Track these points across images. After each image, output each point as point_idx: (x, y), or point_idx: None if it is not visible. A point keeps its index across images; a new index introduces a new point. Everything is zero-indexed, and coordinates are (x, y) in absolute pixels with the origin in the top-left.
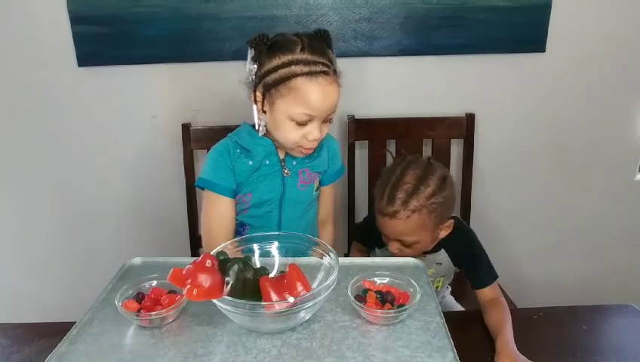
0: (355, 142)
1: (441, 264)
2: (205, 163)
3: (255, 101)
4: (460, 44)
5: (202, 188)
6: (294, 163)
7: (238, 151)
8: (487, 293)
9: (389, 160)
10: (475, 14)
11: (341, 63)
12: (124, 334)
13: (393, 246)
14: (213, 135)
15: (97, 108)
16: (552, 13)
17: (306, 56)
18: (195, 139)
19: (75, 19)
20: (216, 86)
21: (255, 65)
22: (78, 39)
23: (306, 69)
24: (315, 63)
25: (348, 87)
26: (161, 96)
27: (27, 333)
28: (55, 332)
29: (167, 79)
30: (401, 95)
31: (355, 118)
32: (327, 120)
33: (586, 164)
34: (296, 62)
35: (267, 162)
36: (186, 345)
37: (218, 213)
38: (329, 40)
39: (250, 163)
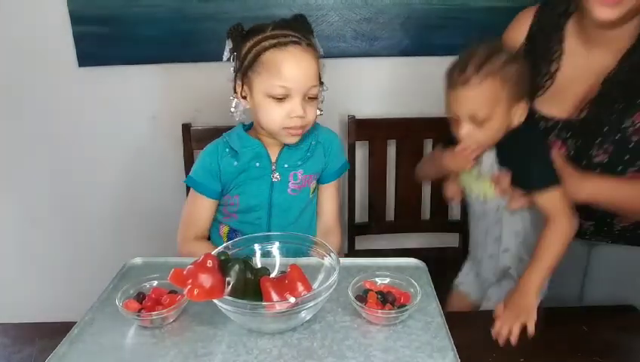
0: (356, 142)
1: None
2: (196, 161)
3: (234, 89)
4: (461, 45)
5: (189, 186)
6: (286, 165)
7: (227, 150)
8: (539, 201)
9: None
10: (475, 15)
11: (341, 63)
12: (124, 334)
13: (464, 129)
14: (213, 135)
15: (97, 109)
16: None
17: (275, 32)
18: (195, 139)
19: (75, 19)
20: (216, 86)
21: (234, 54)
22: (78, 39)
23: (274, 41)
24: (285, 35)
25: (348, 87)
26: (161, 96)
27: (28, 333)
28: (56, 332)
29: (167, 79)
30: (402, 95)
31: (356, 118)
32: (311, 97)
33: None
34: (265, 39)
35: (257, 164)
36: (186, 345)
37: (194, 211)
38: (305, 23)
39: (235, 163)
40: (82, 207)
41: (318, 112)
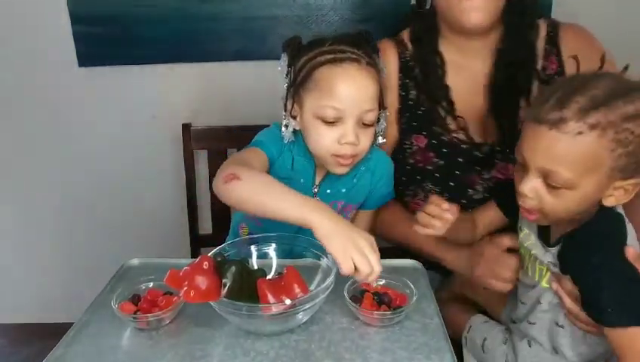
0: None
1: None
2: (259, 133)
3: (285, 108)
4: None
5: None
6: (328, 191)
7: (289, 153)
8: (609, 335)
9: None
10: None
11: None
12: (121, 336)
13: (529, 183)
14: (213, 135)
15: (97, 108)
16: (552, 14)
17: (333, 47)
18: (195, 139)
19: (75, 19)
20: (216, 86)
21: (290, 69)
22: (78, 39)
23: (330, 56)
24: (343, 51)
25: None
26: (161, 96)
27: (26, 334)
28: (54, 333)
29: (167, 79)
30: None
31: None
32: (365, 123)
33: None
34: (322, 53)
35: (302, 180)
36: (183, 346)
37: (244, 153)
38: (371, 40)
39: (287, 166)
40: (81, 207)
41: (381, 140)
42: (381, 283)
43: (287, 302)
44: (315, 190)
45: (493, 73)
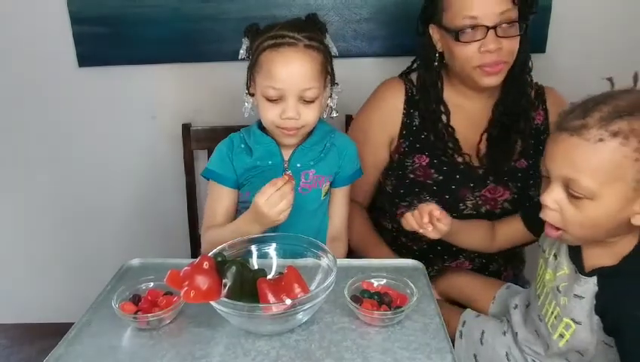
0: None
1: (581, 298)
2: (212, 154)
3: (247, 86)
4: None
5: (207, 179)
6: (298, 165)
7: (242, 146)
8: None
9: None
10: None
11: (341, 63)
12: (121, 336)
13: (551, 194)
14: (213, 135)
15: (97, 108)
16: (552, 14)
17: (277, 32)
18: (195, 139)
19: (75, 20)
20: (216, 86)
21: (248, 53)
22: (78, 39)
23: (271, 42)
24: (282, 37)
25: (348, 87)
26: (161, 96)
27: (27, 334)
28: (55, 332)
29: (167, 79)
30: None
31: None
32: (307, 100)
33: None
34: (266, 39)
35: (270, 162)
36: (184, 346)
37: (214, 201)
38: (317, 22)
39: (248, 160)
40: (81, 207)
41: (334, 114)
42: (381, 283)
43: (288, 301)
44: (285, 165)
45: (492, 119)
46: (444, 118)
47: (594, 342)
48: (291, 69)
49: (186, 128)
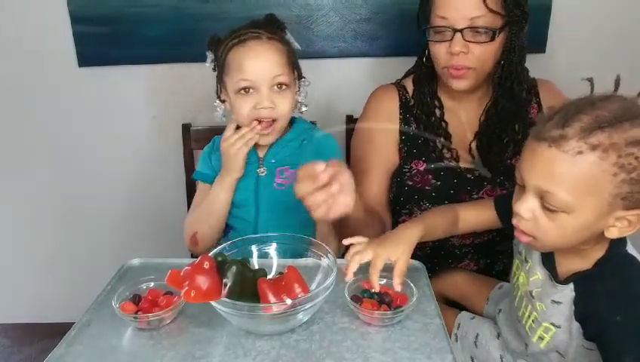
0: None
1: (559, 303)
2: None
3: (217, 94)
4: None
5: (196, 180)
6: (273, 161)
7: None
8: None
9: None
10: None
11: (342, 63)
12: (122, 336)
13: (525, 204)
14: (213, 135)
15: (97, 108)
16: (552, 14)
17: (238, 32)
18: (195, 139)
19: (75, 19)
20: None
21: (215, 63)
22: (78, 39)
23: (235, 40)
24: (245, 33)
25: (347, 87)
26: (161, 96)
27: (27, 334)
28: (55, 332)
29: (167, 79)
30: None
31: (355, 118)
32: (279, 86)
33: None
34: (230, 40)
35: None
36: (184, 346)
37: (197, 196)
38: (275, 20)
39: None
40: (82, 207)
41: (304, 108)
42: (382, 283)
43: (288, 301)
44: (260, 162)
45: (484, 121)
46: (437, 112)
47: (573, 345)
48: (260, 59)
49: (186, 128)
